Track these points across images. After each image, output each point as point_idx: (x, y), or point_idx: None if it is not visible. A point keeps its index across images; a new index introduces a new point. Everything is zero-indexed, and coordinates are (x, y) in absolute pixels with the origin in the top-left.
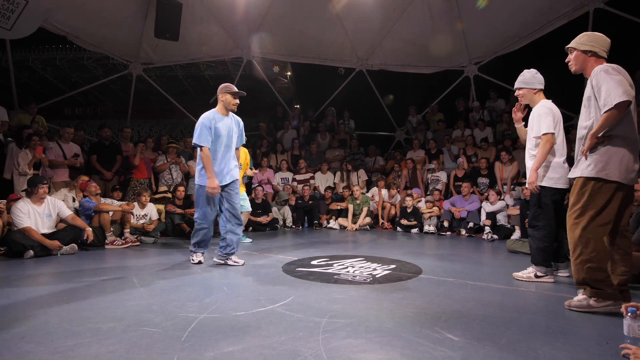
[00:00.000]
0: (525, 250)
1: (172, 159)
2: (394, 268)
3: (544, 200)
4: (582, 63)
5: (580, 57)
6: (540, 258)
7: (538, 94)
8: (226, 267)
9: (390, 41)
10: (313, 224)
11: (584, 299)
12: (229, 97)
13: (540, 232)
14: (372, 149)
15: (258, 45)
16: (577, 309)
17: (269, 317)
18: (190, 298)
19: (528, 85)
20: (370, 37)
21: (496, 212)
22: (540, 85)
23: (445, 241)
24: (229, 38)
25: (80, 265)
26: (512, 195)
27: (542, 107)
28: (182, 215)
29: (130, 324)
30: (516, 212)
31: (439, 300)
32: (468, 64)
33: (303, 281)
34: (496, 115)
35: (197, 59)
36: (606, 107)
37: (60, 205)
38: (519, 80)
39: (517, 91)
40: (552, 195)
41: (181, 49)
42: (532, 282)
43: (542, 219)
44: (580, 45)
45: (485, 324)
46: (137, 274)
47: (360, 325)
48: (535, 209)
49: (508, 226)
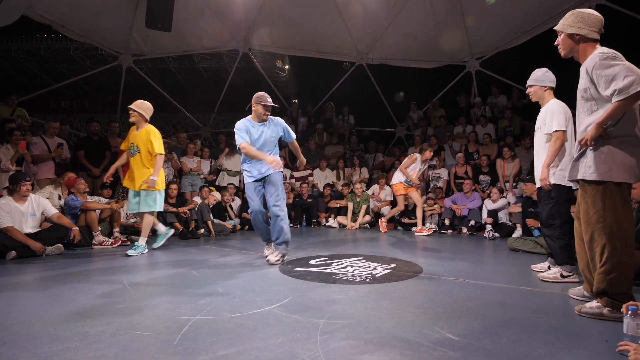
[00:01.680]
0: (527, 248)
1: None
2: (394, 267)
3: (558, 198)
4: (570, 47)
5: (567, 41)
6: (565, 256)
7: (548, 92)
8: (221, 267)
9: (391, 34)
10: (311, 223)
11: (597, 307)
12: (260, 109)
13: (558, 231)
14: (372, 145)
15: (255, 38)
16: (586, 315)
17: (265, 318)
18: (183, 300)
19: (538, 83)
20: (371, 30)
21: (498, 210)
22: (551, 84)
23: (446, 239)
24: (225, 29)
25: (66, 267)
26: (514, 193)
27: (555, 104)
28: (174, 214)
29: (120, 327)
30: (518, 210)
31: (439, 300)
32: (470, 59)
33: (301, 281)
34: (498, 111)
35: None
36: (622, 96)
37: (45, 203)
38: (530, 78)
39: (528, 89)
40: (567, 193)
41: (174, 40)
42: (557, 283)
43: (557, 217)
44: (567, 27)
45: (486, 324)
46: (127, 275)
47: (360, 326)
48: (549, 208)
49: (510, 224)
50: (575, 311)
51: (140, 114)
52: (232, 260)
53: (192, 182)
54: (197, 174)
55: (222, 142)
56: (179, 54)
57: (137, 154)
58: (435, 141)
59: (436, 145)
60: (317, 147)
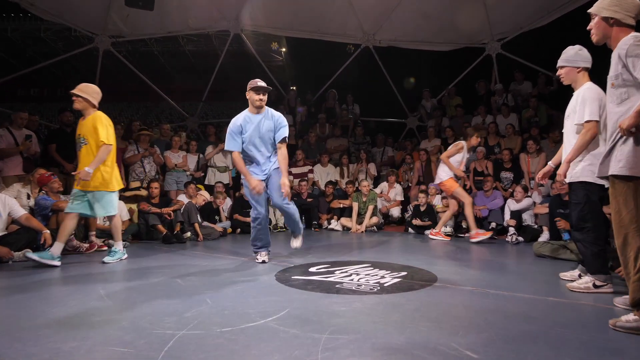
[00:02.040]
0: (555, 254)
1: (145, 149)
2: (404, 275)
3: (591, 198)
4: (604, 32)
5: (601, 24)
6: (598, 264)
7: (582, 74)
8: (209, 275)
9: (401, 13)
10: (312, 225)
11: (634, 321)
12: (252, 94)
13: (591, 235)
14: (380, 138)
15: (248, 17)
16: (622, 330)
17: (259, 333)
18: (167, 312)
19: (570, 64)
20: (379, 8)
21: (522, 211)
22: (585, 64)
23: (463, 244)
24: (214, 7)
25: (36, 274)
26: (540, 191)
27: (589, 90)
28: (157, 215)
29: (96, 343)
30: (544, 211)
31: (456, 312)
32: (490, 41)
33: (300, 291)
34: (522, 99)
35: (175, 32)
36: None
37: (12, 203)
38: (561, 58)
39: (559, 70)
40: (599, 191)
41: (157, 19)
42: (589, 294)
43: (590, 220)
44: (602, 10)
45: (509, 339)
46: (105, 284)
47: (366, 342)
48: (580, 209)
49: (535, 227)
50: (610, 325)
51: (86, 99)
52: (222, 268)
53: (177, 180)
54: (182, 170)
55: (211, 135)
56: (162, 35)
57: (84, 146)
58: (451, 133)
59: (452, 138)
60: (318, 140)
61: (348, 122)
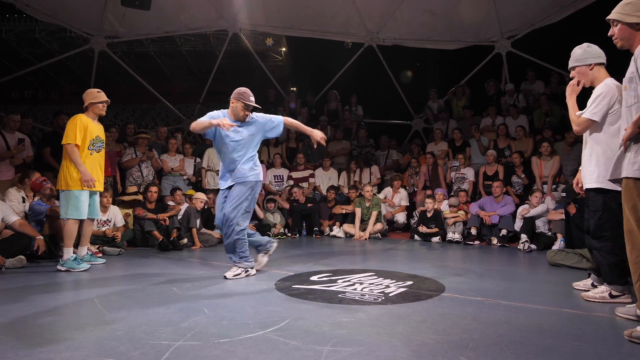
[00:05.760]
0: (570, 262)
1: (143, 153)
2: (410, 285)
3: (610, 206)
4: (630, 37)
5: (626, 30)
6: (615, 275)
7: (597, 70)
8: (207, 284)
9: (405, 10)
10: (313, 232)
11: None
12: (239, 107)
13: (609, 244)
14: (385, 141)
15: (246, 16)
16: (638, 341)
17: (258, 344)
18: (163, 322)
19: (580, 62)
20: (382, 5)
21: (535, 218)
22: (595, 60)
23: (472, 252)
24: (212, 6)
25: (28, 281)
26: (554, 197)
27: (604, 85)
28: (154, 221)
29: (90, 354)
30: (559, 217)
31: (465, 324)
32: (499, 39)
33: (301, 301)
34: (533, 100)
35: (172, 32)
36: None
37: (4, 208)
38: (570, 60)
39: (571, 72)
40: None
41: (153, 19)
42: (605, 304)
43: (609, 228)
44: (625, 16)
45: (521, 353)
46: (99, 292)
47: (370, 355)
48: (599, 217)
49: (549, 234)
50: (625, 336)
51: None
52: (220, 276)
53: (174, 184)
54: (179, 174)
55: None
56: (159, 35)
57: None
58: (459, 135)
59: (460, 141)
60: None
61: (351, 125)
